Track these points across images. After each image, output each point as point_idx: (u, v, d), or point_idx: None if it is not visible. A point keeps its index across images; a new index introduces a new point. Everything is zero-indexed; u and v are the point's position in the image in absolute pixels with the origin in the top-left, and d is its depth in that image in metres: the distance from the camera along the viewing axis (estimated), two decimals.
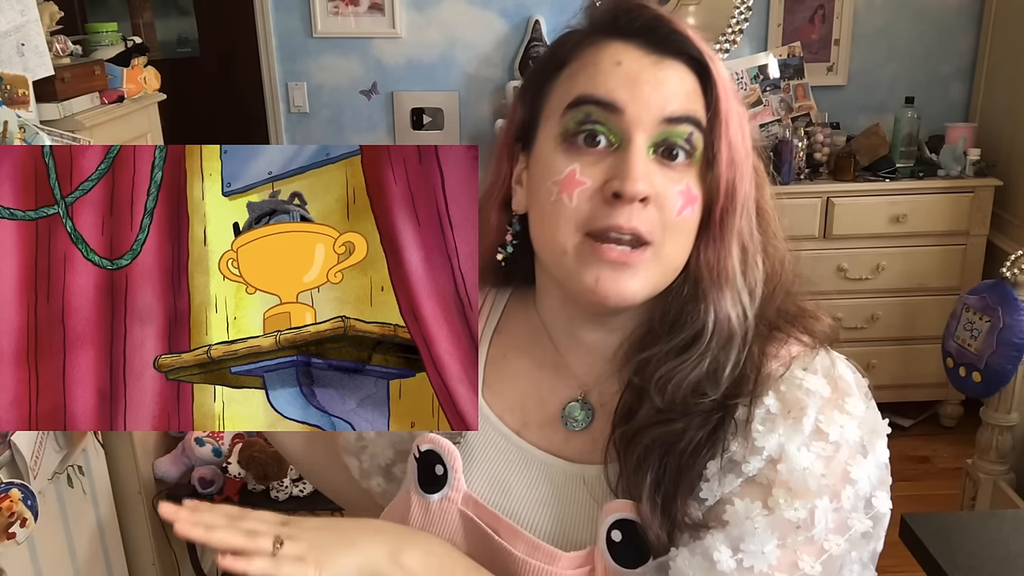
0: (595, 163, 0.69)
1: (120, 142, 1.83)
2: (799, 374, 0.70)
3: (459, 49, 3.30)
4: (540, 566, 0.71)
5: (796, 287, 0.77)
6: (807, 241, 3.03)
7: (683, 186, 0.69)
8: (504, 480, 0.77)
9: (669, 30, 0.71)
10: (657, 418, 0.69)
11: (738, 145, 0.71)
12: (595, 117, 0.68)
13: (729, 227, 0.71)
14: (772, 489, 0.66)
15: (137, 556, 1.99)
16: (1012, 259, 2.12)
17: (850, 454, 0.67)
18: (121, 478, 1.92)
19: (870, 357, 3.13)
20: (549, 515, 0.75)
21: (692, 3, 3.33)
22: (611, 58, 0.70)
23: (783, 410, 0.68)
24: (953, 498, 2.58)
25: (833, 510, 0.66)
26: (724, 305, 0.71)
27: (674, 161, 0.69)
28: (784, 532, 0.65)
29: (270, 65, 3.28)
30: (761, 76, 3.24)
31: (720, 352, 0.70)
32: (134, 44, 1.91)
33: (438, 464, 0.77)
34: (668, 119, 0.68)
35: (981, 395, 2.27)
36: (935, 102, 3.28)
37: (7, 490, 1.37)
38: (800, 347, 0.73)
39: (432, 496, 0.77)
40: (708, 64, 0.70)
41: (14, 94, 1.42)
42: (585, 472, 0.74)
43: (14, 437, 1.40)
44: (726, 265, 0.71)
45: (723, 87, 0.70)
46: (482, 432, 0.79)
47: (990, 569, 1.20)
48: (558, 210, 0.69)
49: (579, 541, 0.73)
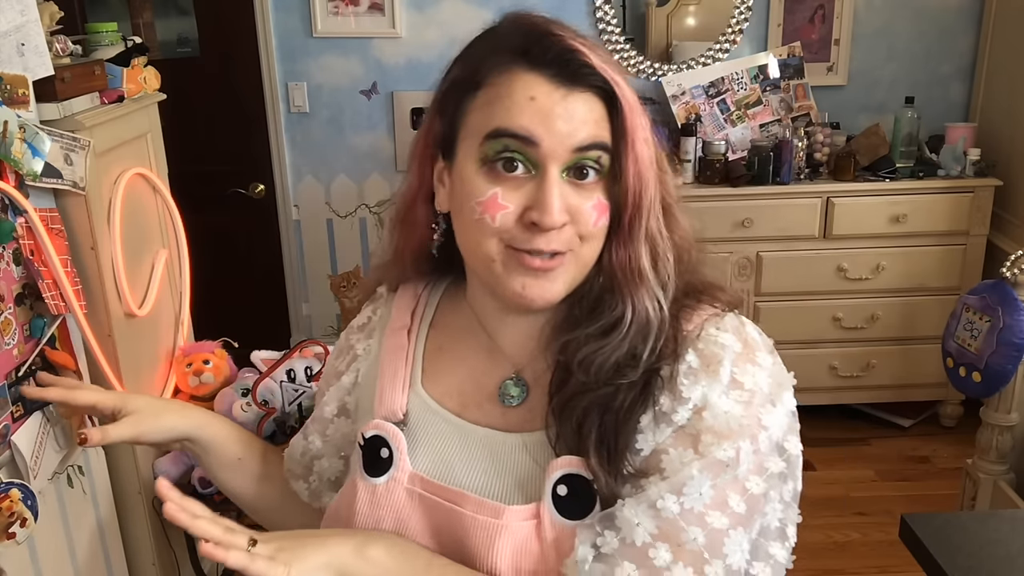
0: (515, 188, 0.75)
1: (120, 142, 1.83)
2: (712, 332, 0.78)
3: (459, 49, 3.28)
4: (488, 520, 0.77)
5: (700, 263, 0.84)
6: (807, 241, 3.03)
7: (595, 200, 0.76)
8: (447, 457, 0.83)
9: (579, 64, 0.75)
10: (587, 387, 0.77)
11: (643, 157, 0.77)
12: (513, 147, 0.74)
13: (637, 230, 0.78)
14: (700, 436, 0.74)
15: (137, 556, 1.99)
16: (1012, 259, 2.12)
17: (762, 402, 0.76)
18: (121, 478, 1.92)
19: (870, 357, 3.13)
20: (492, 481, 0.80)
21: (692, 3, 3.33)
22: (524, 92, 0.74)
23: (703, 364, 0.76)
24: (953, 498, 2.58)
25: (752, 452, 0.74)
26: (641, 299, 0.78)
27: (585, 180, 0.76)
28: (715, 472, 0.72)
29: (270, 65, 3.28)
30: (761, 76, 3.24)
31: (638, 338, 0.78)
32: (134, 44, 1.91)
33: (383, 448, 0.83)
34: (579, 148, 0.74)
35: (981, 395, 2.28)
36: (935, 102, 3.29)
37: (7, 490, 1.37)
38: (710, 312, 0.81)
39: (378, 479, 0.82)
40: (615, 91, 0.76)
41: (14, 94, 1.41)
42: (525, 439, 0.81)
43: (14, 437, 1.40)
44: (638, 264, 0.78)
45: (628, 109, 0.76)
46: (423, 418, 0.85)
47: (990, 569, 1.20)
48: (482, 227, 0.76)
49: (523, 501, 0.78)
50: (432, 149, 0.84)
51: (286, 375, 2.03)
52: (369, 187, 3.45)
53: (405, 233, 0.89)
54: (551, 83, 0.74)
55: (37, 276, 1.46)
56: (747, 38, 3.28)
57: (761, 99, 3.24)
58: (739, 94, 3.24)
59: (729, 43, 3.26)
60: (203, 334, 2.25)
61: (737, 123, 3.24)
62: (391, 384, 0.88)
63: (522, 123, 0.74)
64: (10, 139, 1.37)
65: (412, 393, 0.87)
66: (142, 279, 1.94)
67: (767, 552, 0.76)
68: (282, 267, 3.53)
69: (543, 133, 0.73)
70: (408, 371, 0.89)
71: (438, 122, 0.82)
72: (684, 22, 3.35)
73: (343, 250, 3.52)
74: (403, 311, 0.93)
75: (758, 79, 3.24)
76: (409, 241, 0.89)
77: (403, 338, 0.91)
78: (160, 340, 2.09)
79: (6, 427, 1.40)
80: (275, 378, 2.01)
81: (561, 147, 0.74)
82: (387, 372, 0.89)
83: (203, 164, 3.18)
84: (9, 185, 1.40)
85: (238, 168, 3.40)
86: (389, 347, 0.91)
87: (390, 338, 0.91)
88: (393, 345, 0.91)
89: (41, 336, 1.49)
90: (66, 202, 1.59)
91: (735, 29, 3.25)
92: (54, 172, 1.49)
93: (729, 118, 3.24)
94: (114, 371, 1.77)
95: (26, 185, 1.45)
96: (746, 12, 3.23)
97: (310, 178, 3.44)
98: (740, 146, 3.19)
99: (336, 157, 3.41)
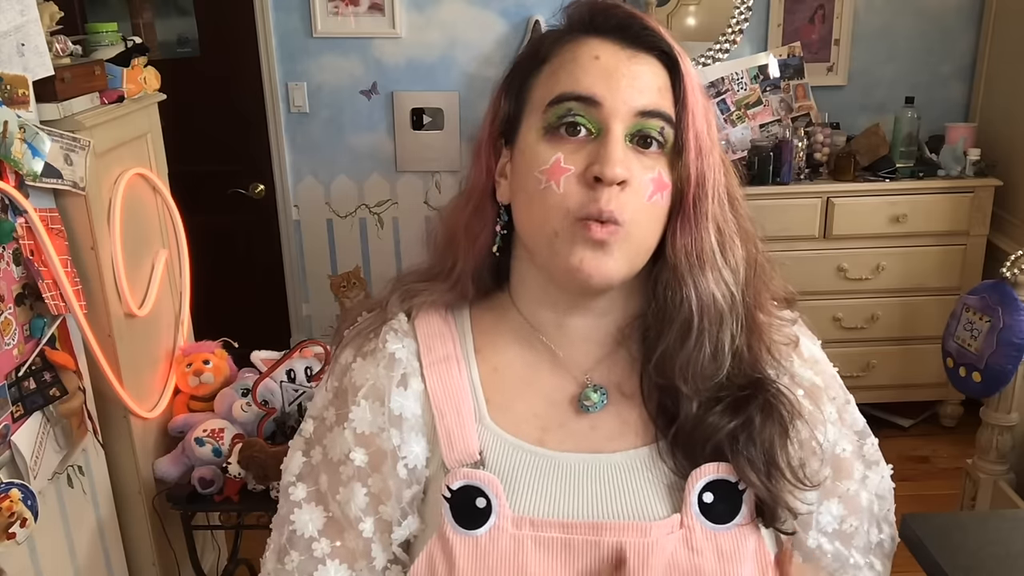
0: (577, 151, 0.74)
1: (120, 142, 1.83)
2: (806, 344, 0.84)
3: (459, 49, 3.30)
4: (635, 541, 0.73)
5: (767, 260, 0.83)
6: (807, 241, 3.03)
7: (655, 173, 0.74)
8: (549, 492, 0.76)
9: (642, 26, 0.76)
10: (698, 401, 0.76)
11: (704, 135, 0.76)
12: (576, 111, 0.74)
13: (702, 212, 0.76)
14: (842, 415, 0.84)
15: (137, 556, 1.99)
16: (1012, 259, 2.12)
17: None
18: (121, 478, 1.92)
19: (870, 357, 3.13)
20: (611, 507, 0.76)
21: (692, 3, 3.33)
22: (589, 53, 0.75)
23: (809, 356, 0.84)
24: (953, 498, 2.58)
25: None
26: (707, 285, 0.76)
27: (648, 149, 0.75)
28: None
29: (270, 65, 3.28)
30: (761, 76, 3.24)
31: (715, 329, 0.76)
32: (134, 44, 1.91)
33: (479, 497, 0.75)
34: (642, 112, 0.74)
35: (981, 395, 2.28)
36: (935, 102, 3.28)
37: (7, 490, 1.37)
38: (784, 314, 0.84)
39: (477, 531, 0.75)
40: (678, 59, 0.76)
41: (14, 94, 1.41)
42: (632, 457, 0.78)
43: (14, 437, 1.40)
44: (703, 247, 0.76)
45: (690, 82, 0.76)
46: (503, 455, 0.78)
47: (990, 569, 1.20)
48: (547, 197, 0.74)
49: (654, 516, 0.75)
50: (496, 137, 0.81)
51: (286, 375, 2.03)
52: (369, 187, 3.45)
53: (470, 238, 0.82)
54: (616, 44, 0.75)
55: (37, 276, 1.46)
56: (747, 38, 3.28)
57: (761, 99, 3.24)
58: (739, 94, 3.24)
59: (729, 43, 3.26)
60: (203, 334, 2.25)
61: (737, 123, 3.24)
62: (457, 424, 0.78)
63: (586, 84, 0.73)
64: (10, 139, 1.37)
65: (482, 428, 0.78)
66: (142, 279, 1.93)
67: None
68: (282, 267, 3.53)
69: (605, 92, 0.73)
70: (471, 405, 0.79)
71: (504, 104, 0.80)
72: (684, 22, 3.35)
73: (343, 250, 3.52)
74: (439, 340, 0.82)
75: (758, 79, 3.24)
76: (473, 247, 0.82)
77: (452, 369, 0.80)
78: (160, 340, 2.08)
79: (6, 427, 1.40)
80: (275, 378, 2.01)
81: (624, 107, 0.73)
82: (448, 411, 0.78)
83: (203, 164, 3.18)
84: (9, 185, 1.40)
85: (238, 168, 3.39)
86: (438, 382, 0.79)
87: (434, 372, 0.80)
88: (442, 379, 0.80)
89: (41, 336, 1.48)
90: (66, 202, 1.59)
91: (735, 29, 3.25)
92: (54, 172, 1.49)
93: (729, 118, 3.24)
94: (114, 371, 1.77)
95: (26, 185, 1.45)
96: (746, 12, 3.23)
97: (310, 178, 3.44)
98: (740, 146, 3.19)
99: (336, 157, 3.41)
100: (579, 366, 0.81)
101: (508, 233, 0.82)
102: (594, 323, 0.81)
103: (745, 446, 0.75)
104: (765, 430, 0.76)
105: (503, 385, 0.81)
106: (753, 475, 0.75)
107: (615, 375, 0.81)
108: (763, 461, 0.75)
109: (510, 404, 0.80)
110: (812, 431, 0.78)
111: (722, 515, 0.75)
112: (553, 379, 0.81)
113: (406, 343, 0.81)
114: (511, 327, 0.83)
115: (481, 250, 0.82)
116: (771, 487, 0.75)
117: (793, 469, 0.76)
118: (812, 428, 0.79)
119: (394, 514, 0.78)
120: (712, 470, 0.75)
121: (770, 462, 0.75)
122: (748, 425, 0.76)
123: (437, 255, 0.85)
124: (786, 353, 0.81)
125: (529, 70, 0.79)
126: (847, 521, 0.82)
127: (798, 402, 0.78)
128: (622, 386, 0.80)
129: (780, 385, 0.78)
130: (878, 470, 0.86)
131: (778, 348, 0.80)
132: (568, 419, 0.79)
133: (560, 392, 0.80)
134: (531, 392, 0.81)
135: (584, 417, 0.80)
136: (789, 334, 0.82)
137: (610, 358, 0.81)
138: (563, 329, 0.81)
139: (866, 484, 0.84)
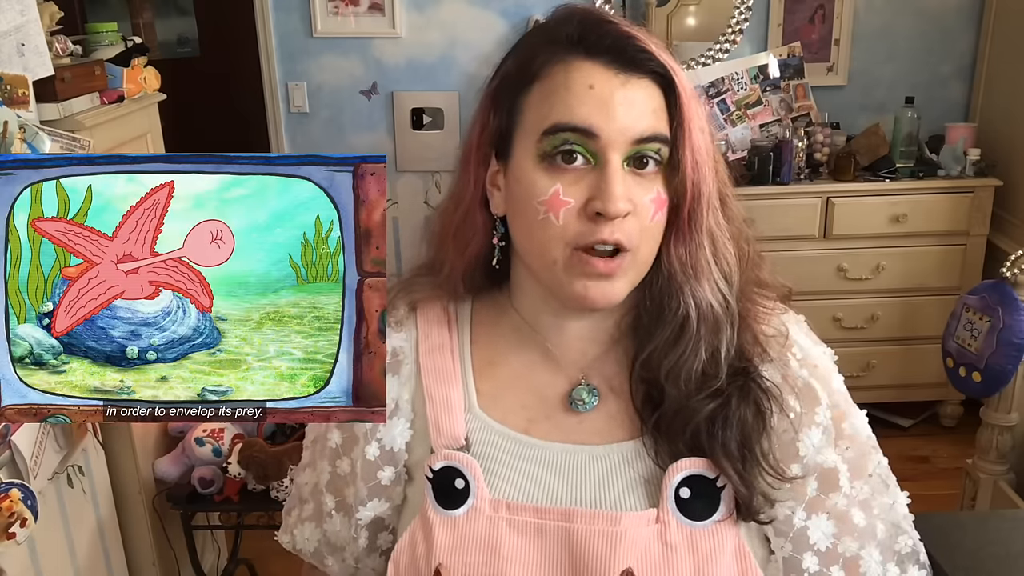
0: (575, 182, 0.73)
1: (120, 142, 1.83)
2: (793, 330, 0.82)
3: (459, 49, 3.30)
4: (605, 530, 0.74)
5: (758, 256, 0.84)
6: (807, 241, 3.03)
7: (654, 193, 0.75)
8: (526, 477, 0.78)
9: (636, 49, 0.74)
10: (685, 399, 0.76)
11: (700, 148, 0.76)
12: (572, 140, 0.73)
13: (698, 224, 0.77)
14: (841, 425, 0.79)
15: (137, 556, 1.99)
16: (1012, 259, 2.12)
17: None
18: (121, 478, 1.92)
19: (870, 357, 3.13)
20: (586, 496, 0.77)
21: (692, 3, 3.33)
22: (583, 81, 0.73)
23: (805, 358, 0.81)
24: (953, 498, 2.58)
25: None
26: (704, 294, 0.77)
27: (645, 169, 0.74)
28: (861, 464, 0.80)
29: (270, 65, 3.28)
30: (761, 76, 3.24)
31: (712, 337, 0.77)
32: (134, 44, 1.91)
33: (458, 478, 0.78)
34: (639, 140, 0.73)
35: (981, 395, 2.27)
36: (935, 102, 3.28)
37: (7, 490, 1.37)
38: (771, 304, 0.83)
39: (456, 511, 0.77)
40: (673, 78, 0.75)
41: (14, 94, 1.42)
42: (615, 450, 0.78)
43: (14, 437, 1.40)
44: (698, 258, 0.77)
45: (686, 97, 0.75)
46: (488, 441, 0.80)
47: (990, 569, 1.20)
48: (546, 228, 0.74)
49: (628, 508, 0.76)
50: (486, 149, 0.80)
51: None
52: None
53: (459, 244, 0.83)
54: (609, 69, 0.73)
55: None
56: (747, 38, 3.28)
57: (761, 99, 3.24)
58: (739, 94, 3.24)
59: (729, 43, 3.26)
60: None
61: (737, 123, 3.24)
62: (445, 409, 0.81)
63: (581, 115, 0.72)
64: (10, 139, 1.37)
65: (470, 415, 0.81)
66: None
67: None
68: None
69: (602, 123, 0.72)
70: (461, 392, 0.82)
71: (492, 119, 0.79)
72: (684, 22, 3.35)
73: None
74: (436, 328, 0.85)
75: (758, 79, 3.24)
76: (462, 253, 0.83)
77: (446, 357, 0.83)
78: None
79: (6, 427, 1.40)
80: None
81: (621, 138, 0.72)
82: (437, 397, 0.81)
83: None
84: None
85: None
86: (431, 369, 0.83)
87: (429, 359, 0.84)
88: (435, 366, 0.83)
89: None
90: None
91: (735, 29, 3.25)
92: None
93: (729, 118, 3.24)
94: None
95: None
96: (746, 12, 3.23)
97: None
98: (740, 146, 3.19)
99: None
100: (575, 364, 0.82)
101: (505, 243, 0.82)
102: (592, 324, 0.82)
103: (721, 428, 0.75)
104: (740, 411, 0.76)
105: (496, 378, 0.83)
106: (727, 463, 0.74)
107: (607, 372, 0.82)
108: (737, 445, 0.75)
109: (500, 395, 0.82)
110: (796, 432, 0.77)
111: (699, 512, 0.75)
112: (547, 376, 0.82)
113: (406, 333, 0.86)
114: (510, 324, 0.85)
115: (471, 256, 0.83)
116: (744, 473, 0.74)
117: (766, 456, 0.76)
118: (796, 429, 0.77)
119: (359, 495, 0.82)
120: (690, 464, 0.75)
121: (744, 445, 0.75)
122: (725, 406, 0.76)
123: (432, 252, 0.87)
124: (780, 350, 0.80)
125: (518, 88, 0.77)
126: (843, 543, 0.77)
127: (781, 396, 0.77)
128: (612, 382, 0.81)
129: (763, 373, 0.78)
130: (888, 494, 0.81)
131: (767, 340, 0.80)
132: (556, 413, 0.81)
133: (552, 388, 0.82)
134: (523, 386, 0.83)
135: (573, 413, 0.81)
136: (777, 325, 0.81)
137: (605, 355, 0.82)
138: (561, 330, 0.82)
139: (866, 505, 0.79)
